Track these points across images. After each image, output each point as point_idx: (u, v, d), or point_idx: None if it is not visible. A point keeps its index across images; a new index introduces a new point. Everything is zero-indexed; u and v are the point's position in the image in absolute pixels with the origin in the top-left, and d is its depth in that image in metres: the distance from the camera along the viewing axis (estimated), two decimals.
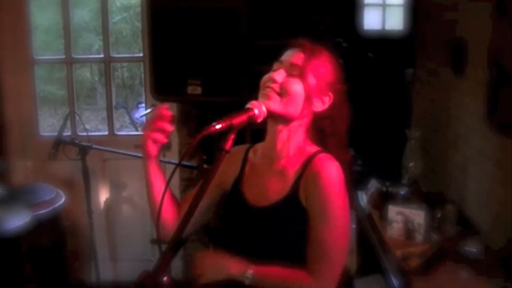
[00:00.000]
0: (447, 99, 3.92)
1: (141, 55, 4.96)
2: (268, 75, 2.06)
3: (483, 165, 3.34)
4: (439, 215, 3.37)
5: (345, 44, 4.67)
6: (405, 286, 2.90)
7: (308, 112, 2.08)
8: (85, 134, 4.40)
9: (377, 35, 4.83)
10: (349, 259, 2.20)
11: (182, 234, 1.75)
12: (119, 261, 5.17)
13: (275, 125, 2.10)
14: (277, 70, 2.06)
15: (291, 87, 2.01)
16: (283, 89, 2.01)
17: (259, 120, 1.96)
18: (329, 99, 2.09)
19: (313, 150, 2.11)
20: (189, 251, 4.98)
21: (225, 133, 1.83)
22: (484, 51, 3.18)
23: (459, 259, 3.01)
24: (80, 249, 4.75)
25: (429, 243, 3.17)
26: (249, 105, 1.96)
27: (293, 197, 2.05)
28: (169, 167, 3.96)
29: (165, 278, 1.64)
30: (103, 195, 5.04)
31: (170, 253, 1.71)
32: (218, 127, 1.79)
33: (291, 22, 4.19)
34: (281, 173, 2.12)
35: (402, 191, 3.67)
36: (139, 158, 4.61)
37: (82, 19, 8.42)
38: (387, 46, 4.82)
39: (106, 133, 5.25)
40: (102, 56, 5.14)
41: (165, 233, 2.09)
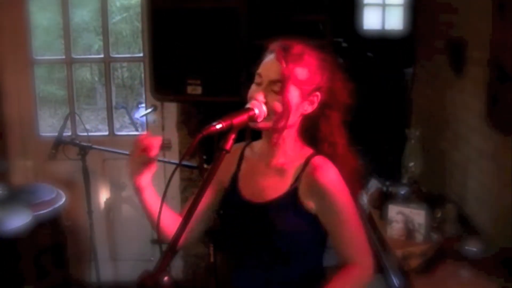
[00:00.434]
0: (447, 99, 3.92)
1: (141, 55, 4.96)
2: (252, 93, 2.04)
3: (483, 164, 3.34)
4: (439, 214, 3.37)
5: (345, 44, 4.68)
6: (405, 285, 2.90)
7: (298, 115, 2.09)
8: (85, 134, 4.41)
9: (376, 35, 4.84)
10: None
11: (183, 234, 1.75)
12: (119, 261, 5.16)
13: (267, 131, 2.11)
14: (258, 84, 2.05)
15: (273, 107, 2.00)
16: (267, 109, 2.00)
17: (260, 120, 1.97)
18: (317, 98, 2.09)
19: (308, 152, 2.14)
20: (189, 251, 4.99)
21: (225, 132, 1.83)
22: (484, 51, 3.18)
23: (460, 259, 3.01)
24: (80, 249, 4.74)
25: (430, 243, 3.17)
26: (249, 105, 1.96)
27: (292, 195, 2.09)
28: (169, 167, 3.96)
29: (165, 278, 1.64)
30: (103, 195, 5.04)
31: (170, 253, 1.71)
32: (218, 126, 1.80)
33: (290, 22, 4.19)
34: (279, 171, 2.14)
35: (402, 190, 3.66)
36: None
37: (82, 19, 8.42)
38: (386, 45, 4.82)
39: (106, 133, 5.24)
40: (102, 56, 5.14)
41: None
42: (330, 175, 2.07)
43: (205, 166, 4.13)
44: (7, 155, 4.91)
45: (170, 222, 2.12)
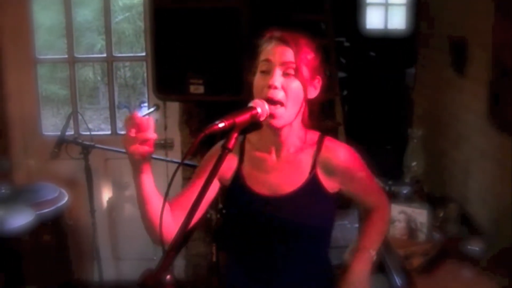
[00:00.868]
0: (449, 98, 3.92)
1: (144, 54, 4.96)
2: (262, 81, 2.04)
3: (485, 163, 3.34)
4: (441, 214, 3.37)
5: (347, 43, 4.68)
6: (407, 285, 2.90)
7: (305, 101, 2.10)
8: (88, 133, 4.40)
9: (379, 34, 4.84)
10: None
11: (184, 233, 1.75)
12: (121, 260, 5.16)
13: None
14: (265, 71, 2.04)
15: (292, 89, 2.01)
16: (285, 93, 2.01)
17: (262, 119, 1.97)
18: (318, 82, 2.12)
19: (315, 135, 2.20)
20: (191, 250, 5.00)
21: (227, 131, 1.83)
22: (485, 50, 3.18)
23: (462, 258, 3.02)
24: (82, 248, 4.75)
25: (432, 242, 3.17)
26: (251, 104, 1.96)
27: (314, 181, 2.14)
28: (171, 166, 3.96)
29: (167, 276, 1.64)
30: (106, 194, 5.04)
31: (172, 252, 1.71)
32: (221, 125, 1.79)
33: (292, 21, 4.20)
34: (292, 161, 2.16)
35: (404, 190, 3.67)
36: None
37: (84, 18, 8.40)
38: (389, 45, 4.82)
39: (108, 133, 5.24)
40: (104, 55, 5.14)
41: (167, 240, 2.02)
42: (345, 153, 2.19)
43: None
44: (10, 154, 4.91)
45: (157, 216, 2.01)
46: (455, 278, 2.87)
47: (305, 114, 2.15)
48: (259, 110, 1.94)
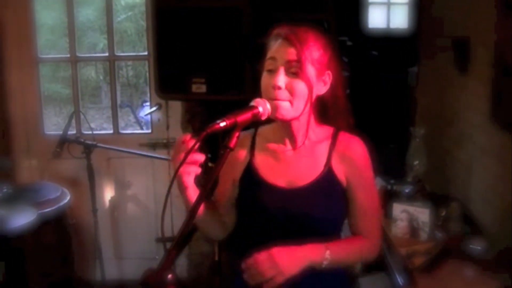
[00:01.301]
0: (451, 97, 3.92)
1: (146, 53, 4.96)
2: (268, 81, 2.04)
3: (487, 162, 3.34)
4: (443, 213, 3.37)
5: (349, 42, 4.67)
6: (409, 284, 2.90)
7: (314, 97, 2.08)
8: (90, 132, 4.42)
9: (381, 34, 4.83)
10: None
11: (186, 232, 1.75)
12: (124, 259, 5.17)
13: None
14: (271, 70, 2.04)
15: (296, 89, 2.00)
16: (289, 93, 2.01)
17: (264, 118, 1.97)
18: (329, 77, 2.11)
19: (330, 129, 2.20)
20: (193, 249, 5.00)
21: (229, 130, 1.83)
22: (488, 49, 3.18)
23: (464, 257, 3.01)
24: (85, 247, 4.75)
25: (434, 241, 3.17)
26: (253, 103, 1.96)
27: (329, 173, 2.14)
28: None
29: (169, 275, 1.64)
30: (108, 194, 5.04)
31: (174, 251, 1.71)
32: (222, 124, 1.80)
33: (294, 20, 4.19)
34: (307, 154, 2.17)
35: (406, 189, 3.66)
36: (143, 156, 4.63)
37: (86, 18, 8.42)
38: (391, 44, 4.81)
39: (111, 132, 5.25)
40: (106, 54, 5.14)
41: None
42: (360, 147, 2.17)
43: (210, 164, 4.14)
44: (12, 153, 4.92)
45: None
46: (457, 277, 2.86)
47: (316, 109, 2.14)
48: (261, 109, 1.94)
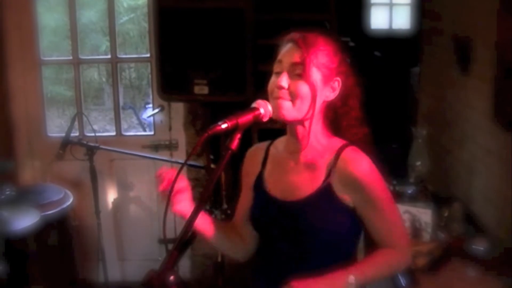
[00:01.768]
0: (453, 97, 3.92)
1: (148, 55, 4.97)
2: (273, 82, 2.04)
3: (489, 163, 3.34)
4: (446, 213, 3.36)
5: (352, 43, 4.67)
6: (412, 284, 2.89)
7: (321, 103, 2.07)
8: (93, 134, 4.42)
9: (384, 34, 4.83)
10: (358, 257, 2.22)
11: (189, 233, 1.76)
12: (126, 261, 5.17)
13: (292, 123, 2.10)
14: (278, 72, 2.04)
15: (299, 90, 1.99)
16: (292, 94, 2.00)
17: (265, 119, 1.97)
18: (338, 84, 2.08)
19: (338, 143, 2.12)
20: (196, 251, 5.00)
21: (231, 132, 1.83)
22: (490, 49, 3.18)
23: (466, 258, 3.01)
24: (87, 249, 4.76)
25: (436, 242, 3.17)
26: (255, 104, 1.96)
27: (327, 190, 2.06)
28: (176, 166, 3.96)
29: (171, 277, 1.64)
30: (111, 195, 5.05)
31: (176, 252, 1.71)
32: (224, 126, 1.80)
33: (296, 21, 4.20)
34: (309, 167, 2.12)
35: (409, 189, 3.66)
36: (146, 158, 4.64)
37: (89, 20, 8.42)
38: (393, 45, 4.81)
39: (113, 134, 5.26)
40: (109, 56, 5.15)
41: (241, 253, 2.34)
42: (363, 167, 2.06)
43: (212, 166, 4.14)
44: (15, 155, 4.93)
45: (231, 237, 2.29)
46: (460, 277, 2.87)
47: (327, 119, 2.13)
48: (262, 110, 1.94)
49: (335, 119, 2.14)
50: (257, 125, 2.00)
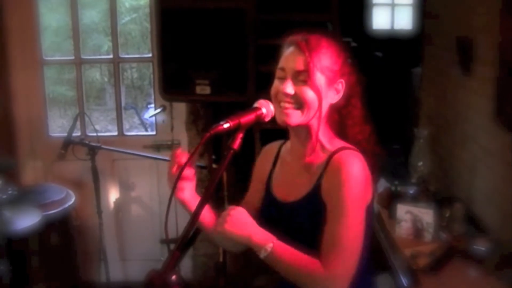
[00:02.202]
0: (455, 98, 3.92)
1: (150, 55, 4.97)
2: (276, 88, 2.02)
3: (491, 163, 3.33)
4: (447, 214, 3.36)
5: (353, 43, 4.68)
6: (414, 285, 2.90)
7: (326, 106, 2.05)
8: (95, 134, 4.42)
9: (385, 35, 4.84)
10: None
11: (190, 233, 1.76)
12: (128, 261, 5.18)
13: (297, 127, 2.07)
14: (282, 78, 2.02)
15: (305, 97, 1.97)
16: (298, 101, 1.98)
17: (267, 119, 1.97)
18: (342, 85, 2.06)
19: (338, 145, 2.06)
20: (198, 251, 5.00)
21: (233, 132, 1.84)
22: (491, 49, 3.18)
23: (468, 258, 3.00)
24: (89, 249, 4.76)
25: (438, 242, 3.17)
26: (256, 104, 1.96)
27: (315, 192, 2.02)
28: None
29: (173, 277, 1.65)
30: (113, 195, 5.05)
31: (178, 252, 1.72)
32: (225, 126, 1.81)
33: (298, 22, 4.20)
34: (307, 169, 2.10)
35: (410, 190, 3.66)
36: (148, 158, 4.64)
37: (91, 20, 8.43)
38: (395, 45, 4.82)
39: (115, 134, 5.26)
40: (111, 56, 5.15)
41: None
42: (345, 170, 1.93)
43: (214, 166, 4.15)
44: (17, 155, 4.93)
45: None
46: (461, 278, 2.86)
47: (332, 120, 2.11)
48: (264, 110, 1.94)
49: (339, 119, 2.12)
50: (259, 124, 2.00)
